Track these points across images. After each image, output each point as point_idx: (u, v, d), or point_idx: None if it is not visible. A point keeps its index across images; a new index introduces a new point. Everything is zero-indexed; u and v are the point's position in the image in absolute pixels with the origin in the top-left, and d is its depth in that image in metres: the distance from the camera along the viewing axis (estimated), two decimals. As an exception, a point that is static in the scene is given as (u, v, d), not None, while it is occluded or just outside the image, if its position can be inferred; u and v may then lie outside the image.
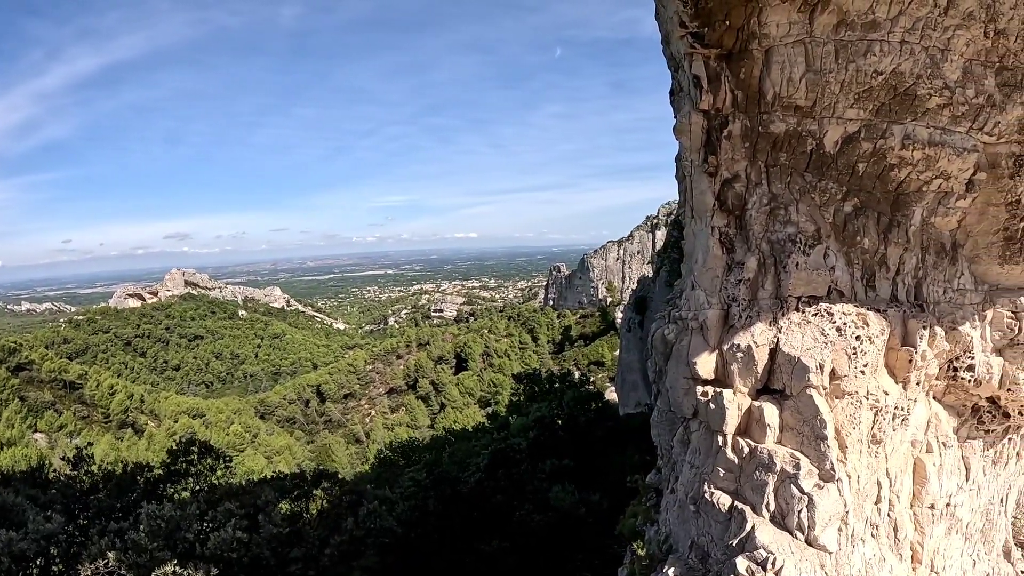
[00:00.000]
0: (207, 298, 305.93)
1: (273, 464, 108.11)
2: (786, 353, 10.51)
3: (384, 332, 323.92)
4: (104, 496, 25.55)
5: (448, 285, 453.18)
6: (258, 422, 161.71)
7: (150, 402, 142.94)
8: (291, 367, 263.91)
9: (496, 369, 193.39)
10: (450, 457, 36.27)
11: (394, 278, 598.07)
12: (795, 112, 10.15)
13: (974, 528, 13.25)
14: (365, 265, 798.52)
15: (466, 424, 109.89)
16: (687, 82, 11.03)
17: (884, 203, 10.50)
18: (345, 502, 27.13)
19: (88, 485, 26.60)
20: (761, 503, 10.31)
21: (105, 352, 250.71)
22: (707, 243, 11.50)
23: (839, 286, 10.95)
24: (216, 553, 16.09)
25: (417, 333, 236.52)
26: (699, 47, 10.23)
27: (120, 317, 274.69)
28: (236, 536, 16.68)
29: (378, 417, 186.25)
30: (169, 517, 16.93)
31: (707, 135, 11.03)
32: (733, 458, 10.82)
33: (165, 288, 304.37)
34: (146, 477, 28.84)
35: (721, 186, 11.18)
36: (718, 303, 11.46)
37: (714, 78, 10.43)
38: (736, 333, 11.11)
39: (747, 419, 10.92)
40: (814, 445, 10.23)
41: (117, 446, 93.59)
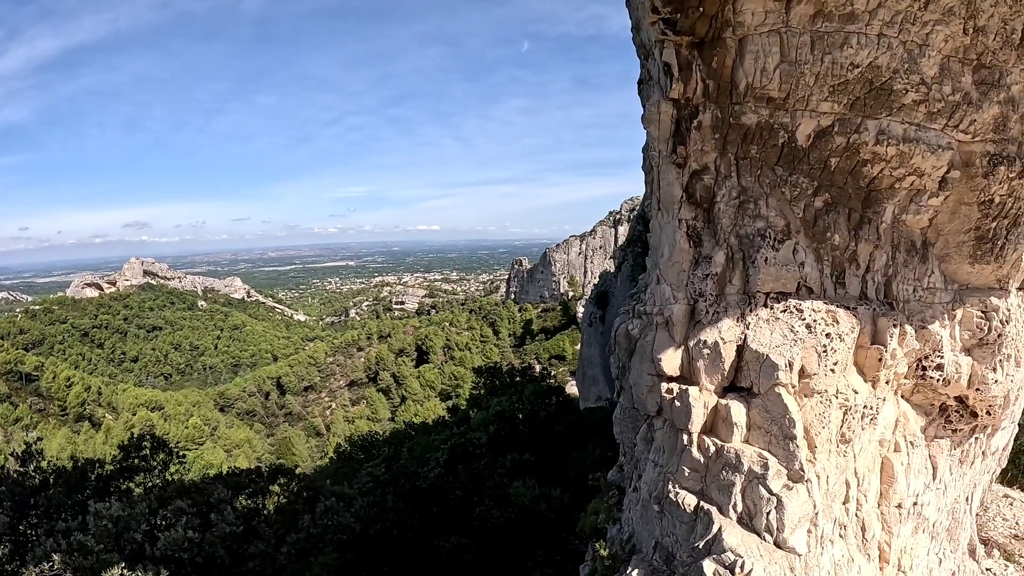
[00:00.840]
0: (166, 288, 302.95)
1: (233, 457, 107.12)
2: (754, 350, 10.29)
3: (345, 324, 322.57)
4: (54, 493, 24.93)
5: (410, 277, 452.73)
6: (217, 415, 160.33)
7: (108, 394, 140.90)
8: (251, 359, 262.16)
9: (457, 362, 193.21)
10: (409, 452, 35.96)
11: (355, 270, 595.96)
12: (768, 104, 9.91)
13: (940, 527, 13.16)
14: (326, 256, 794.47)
15: (427, 417, 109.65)
16: (657, 70, 10.76)
17: (855, 199, 10.32)
18: (302, 498, 26.76)
19: (38, 482, 25.92)
20: (728, 504, 10.09)
21: (62, 343, 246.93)
22: (674, 236, 11.26)
23: (808, 283, 10.76)
24: (167, 553, 15.65)
25: (378, 325, 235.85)
26: (671, 34, 9.95)
27: (77, 307, 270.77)
28: (187, 535, 16.26)
29: (339, 410, 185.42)
30: (117, 517, 16.45)
31: (676, 125, 10.78)
32: (699, 457, 10.59)
33: (123, 278, 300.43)
34: (98, 473, 28.23)
35: (689, 178, 10.95)
36: (684, 298, 11.23)
37: (685, 67, 10.16)
38: (703, 329, 10.89)
39: (713, 417, 10.70)
40: (783, 445, 10.02)
41: (73, 440, 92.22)
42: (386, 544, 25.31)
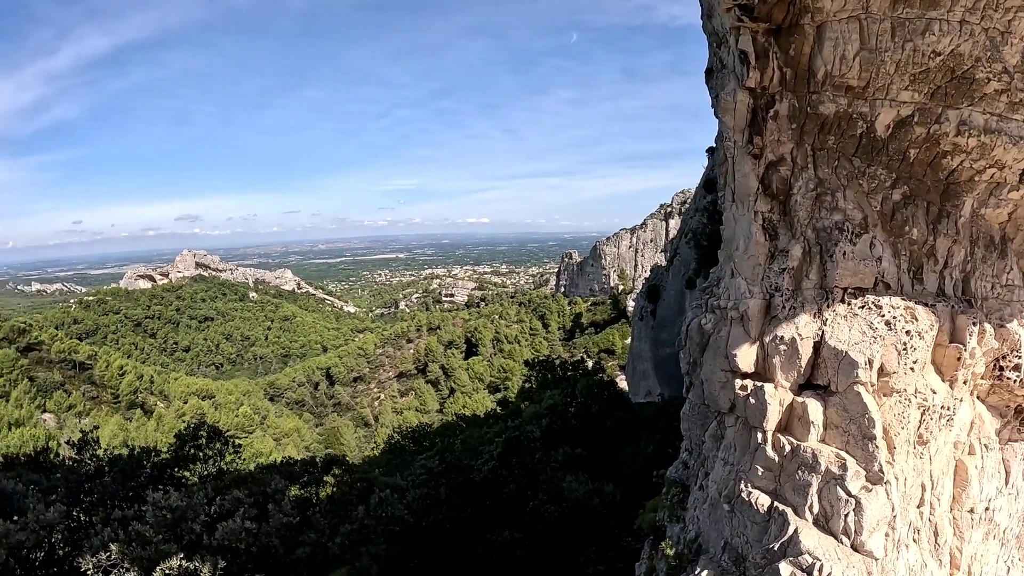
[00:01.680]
0: (218, 280, 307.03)
1: (281, 446, 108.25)
2: (832, 347, 9.98)
3: (395, 316, 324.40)
4: (109, 481, 25.15)
5: (459, 270, 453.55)
6: (267, 404, 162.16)
7: (160, 383, 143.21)
8: (301, 350, 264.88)
9: (506, 355, 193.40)
10: (462, 444, 35.92)
11: (405, 262, 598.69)
12: (846, 93, 9.57)
13: (1011, 534, 12.73)
14: (376, 248, 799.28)
15: (476, 409, 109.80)
16: (732, 58, 10.46)
17: (934, 192, 9.94)
18: (356, 490, 26.78)
19: (93, 469, 26.17)
20: (804, 505, 9.79)
21: (115, 333, 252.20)
22: (749, 229, 10.96)
23: (886, 278, 10.40)
24: (223, 543, 15.65)
25: (428, 317, 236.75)
26: (747, 20, 9.64)
27: (131, 298, 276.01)
28: (244, 526, 16.25)
29: (387, 401, 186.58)
30: (175, 507, 16.44)
31: (752, 115, 10.47)
32: (773, 456, 10.30)
33: (176, 269, 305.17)
34: (153, 462, 28.48)
35: (765, 169, 10.63)
36: (760, 292, 10.93)
37: (762, 54, 9.86)
38: (779, 324, 10.58)
39: (788, 415, 10.40)
40: (861, 445, 9.70)
41: (126, 427, 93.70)
42: (438, 536, 25.26)
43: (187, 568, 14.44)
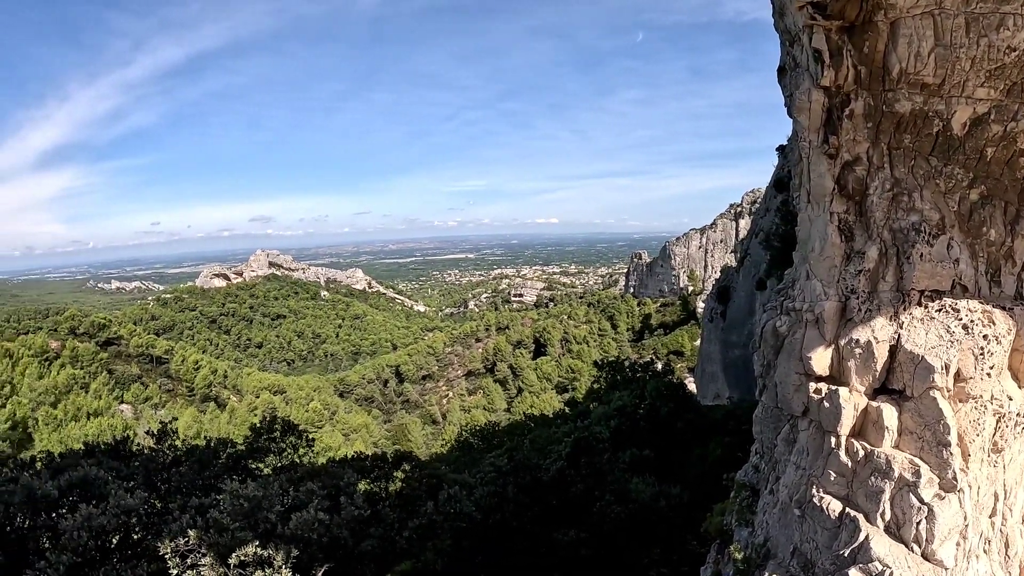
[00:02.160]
0: (290, 279, 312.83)
1: (350, 441, 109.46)
2: (908, 351, 9.75)
3: (464, 315, 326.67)
4: (186, 470, 25.82)
5: (528, 270, 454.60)
6: (337, 400, 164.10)
7: (233, 378, 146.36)
8: (371, 347, 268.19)
9: (574, 355, 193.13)
10: (531, 443, 35.98)
11: (475, 262, 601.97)
12: (922, 90, 9.34)
13: (1084, 547, 12.34)
14: (446, 249, 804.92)
15: (543, 409, 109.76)
16: (806, 57, 10.29)
17: (1011, 192, 9.65)
18: (424, 485, 26.99)
19: (171, 459, 26.91)
20: (876, 511, 9.60)
21: (191, 329, 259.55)
22: (825, 230, 10.77)
23: (963, 280, 10.13)
24: (296, 533, 15.99)
25: (496, 317, 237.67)
26: (820, 18, 9.49)
27: (206, 296, 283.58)
28: (317, 517, 16.58)
29: (455, 399, 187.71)
30: (252, 496, 16.87)
31: (827, 114, 10.29)
32: (846, 461, 10.12)
33: (250, 268, 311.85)
34: (228, 453, 29.14)
35: (841, 169, 10.44)
36: (835, 295, 10.73)
37: (836, 52, 9.68)
38: (854, 327, 10.37)
39: (863, 420, 10.19)
40: (936, 452, 9.47)
41: (200, 419, 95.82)
42: (504, 534, 25.37)
43: (261, 555, 14.79)
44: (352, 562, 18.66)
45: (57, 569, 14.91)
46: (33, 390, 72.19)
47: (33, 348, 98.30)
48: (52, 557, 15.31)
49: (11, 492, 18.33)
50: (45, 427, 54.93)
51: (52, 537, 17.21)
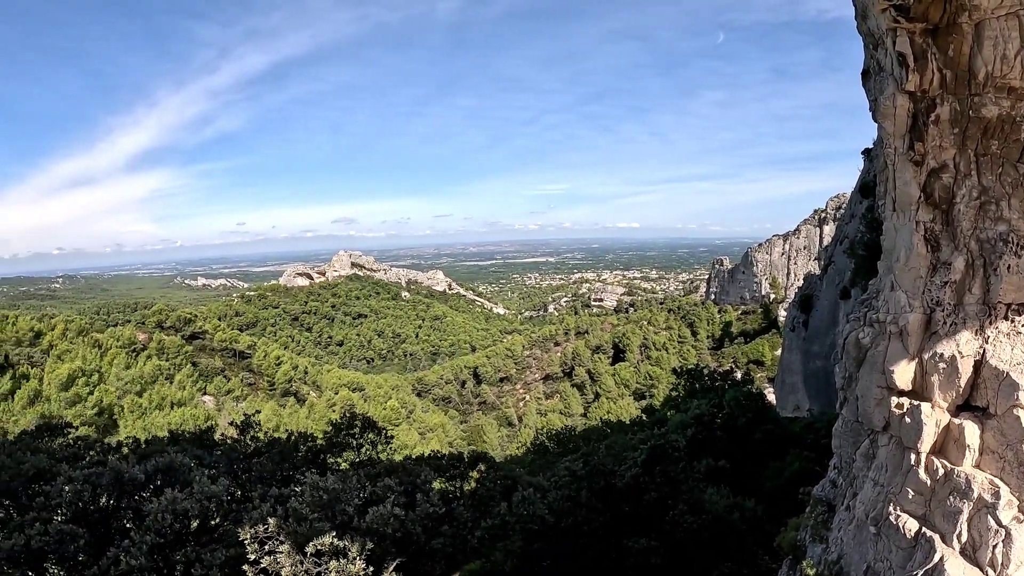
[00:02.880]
0: (372, 279, 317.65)
1: (426, 440, 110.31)
2: (993, 367, 9.35)
3: (543, 319, 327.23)
4: (266, 461, 26.37)
5: (609, 275, 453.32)
6: (414, 399, 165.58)
7: (313, 374, 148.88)
8: (450, 348, 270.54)
9: (653, 362, 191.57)
10: (607, 449, 35.74)
11: (555, 266, 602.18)
12: (1009, 94, 8.93)
13: None
14: (526, 252, 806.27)
15: (620, 416, 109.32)
16: (890, 61, 9.95)
17: (1105, 203, 9.22)
18: (499, 486, 27.05)
19: (252, 449, 27.55)
20: (952, 532, 9.23)
21: (273, 326, 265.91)
22: (910, 240, 10.40)
23: (1051, 294, 9.70)
24: (372, 527, 16.20)
25: (576, 321, 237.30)
26: (903, 21, 9.16)
27: (289, 294, 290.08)
28: (393, 512, 16.78)
29: (532, 402, 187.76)
30: (331, 489, 17.19)
31: (912, 119, 9.94)
32: (925, 479, 9.75)
33: (332, 268, 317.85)
34: (308, 446, 29.65)
35: (927, 176, 10.07)
36: (920, 306, 10.35)
37: (920, 56, 9.33)
38: (939, 341, 9.99)
39: (944, 437, 9.81)
40: (1017, 473, 9.05)
41: (279, 413, 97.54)
42: (575, 538, 25.27)
43: (337, 546, 15.05)
44: (423, 558, 18.83)
45: (140, 548, 15.43)
46: (120, 379, 74.50)
47: (121, 339, 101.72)
48: (136, 537, 15.84)
49: (99, 475, 19.05)
50: (130, 415, 56.76)
51: (135, 518, 17.79)
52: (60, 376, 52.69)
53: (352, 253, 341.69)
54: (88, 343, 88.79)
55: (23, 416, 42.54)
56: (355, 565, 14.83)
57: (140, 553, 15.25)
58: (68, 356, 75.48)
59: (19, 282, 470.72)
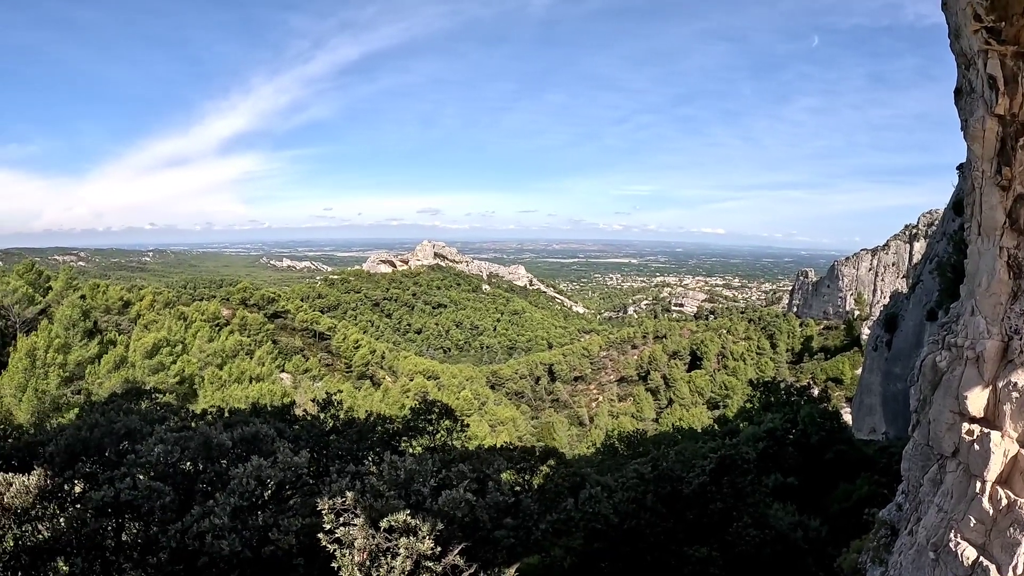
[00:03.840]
0: (454, 270, 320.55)
1: (496, 433, 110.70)
2: (1066, 400, 9.19)
3: (622, 320, 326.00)
4: (343, 439, 27.07)
5: (691, 280, 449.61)
6: (488, 391, 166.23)
7: (390, 359, 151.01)
8: (527, 344, 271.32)
9: (730, 372, 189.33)
10: (677, 455, 35.62)
11: (637, 268, 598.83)
12: (1100, 125, 8.77)
13: None
14: (609, 252, 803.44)
15: (692, 423, 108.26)
16: (981, 83, 9.80)
17: None
18: (567, 483, 27.17)
19: (330, 427, 28.30)
20: (1008, 564, 9.07)
21: (354, 310, 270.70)
22: (993, 265, 10.23)
23: None
24: (443, 509, 16.56)
25: (655, 325, 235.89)
26: (995, 43, 9.02)
27: (371, 280, 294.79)
28: (465, 497, 17.11)
29: (604, 403, 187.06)
30: (410, 469, 17.65)
31: (1001, 143, 9.78)
32: (988, 509, 9.61)
33: (415, 257, 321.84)
34: (385, 428, 30.26)
35: (1013, 202, 9.89)
36: (998, 333, 10.17)
37: (1011, 79, 9.16)
38: (1014, 370, 9.82)
39: (1011, 467, 9.65)
40: (1081, 509, 8.90)
41: (354, 394, 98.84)
42: (636, 540, 25.29)
43: (409, 524, 15.44)
44: (487, 545, 19.07)
45: (224, 509, 16.09)
46: (202, 351, 76.43)
47: (206, 314, 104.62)
48: (220, 498, 16.56)
49: (188, 438, 19.90)
50: (209, 385, 58.31)
51: (218, 482, 18.54)
52: (145, 344, 54.32)
53: (436, 243, 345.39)
54: (174, 315, 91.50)
55: (108, 380, 44.10)
56: (424, 544, 15.19)
57: (224, 513, 15.97)
58: (154, 326, 77.89)
59: (112, 254, 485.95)
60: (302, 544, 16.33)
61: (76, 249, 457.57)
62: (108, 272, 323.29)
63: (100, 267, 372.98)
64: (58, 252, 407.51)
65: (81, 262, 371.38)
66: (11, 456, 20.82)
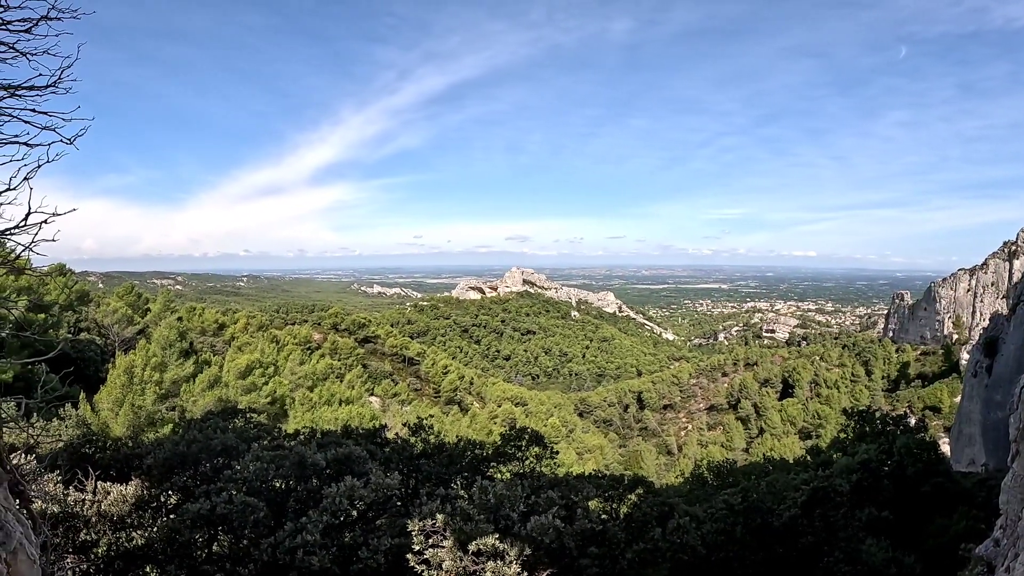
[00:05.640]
0: (542, 297, 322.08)
1: (583, 461, 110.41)
2: None
3: (712, 347, 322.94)
4: (433, 463, 27.60)
5: (782, 305, 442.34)
6: (576, 419, 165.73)
7: (478, 385, 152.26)
8: (616, 371, 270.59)
9: (823, 400, 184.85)
10: (768, 486, 35.23)
11: (727, 293, 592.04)
12: None
13: None
14: (699, 277, 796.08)
15: (783, 454, 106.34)
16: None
17: None
18: (655, 512, 27.16)
19: (419, 451, 28.85)
20: (1109, 608, 8.98)
21: (443, 336, 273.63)
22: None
23: None
24: (531, 535, 16.84)
25: (746, 352, 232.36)
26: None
27: (460, 306, 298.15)
28: (553, 523, 17.37)
29: (694, 432, 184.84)
30: (499, 494, 17.99)
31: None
32: (1080, 549, 9.50)
33: (504, 284, 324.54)
34: (475, 453, 30.72)
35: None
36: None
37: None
38: (1117, 400, 9.69)
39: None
40: None
41: (442, 420, 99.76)
42: (724, 573, 25.14)
43: (497, 548, 15.73)
44: (572, 573, 19.27)
45: (316, 526, 16.69)
46: (294, 373, 78.22)
47: (298, 337, 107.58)
48: (313, 515, 17.17)
49: (283, 457, 20.75)
50: (300, 406, 59.65)
51: (309, 500, 19.20)
52: (239, 365, 56.06)
53: (524, 270, 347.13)
54: (267, 338, 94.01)
55: (201, 398, 45.88)
56: (510, 568, 15.44)
57: (316, 530, 16.55)
58: (247, 348, 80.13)
59: (207, 278, 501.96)
60: (390, 564, 16.78)
61: (173, 273, 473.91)
62: (204, 296, 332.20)
63: (196, 291, 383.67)
64: (156, 276, 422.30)
65: (178, 286, 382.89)
66: (109, 466, 21.88)
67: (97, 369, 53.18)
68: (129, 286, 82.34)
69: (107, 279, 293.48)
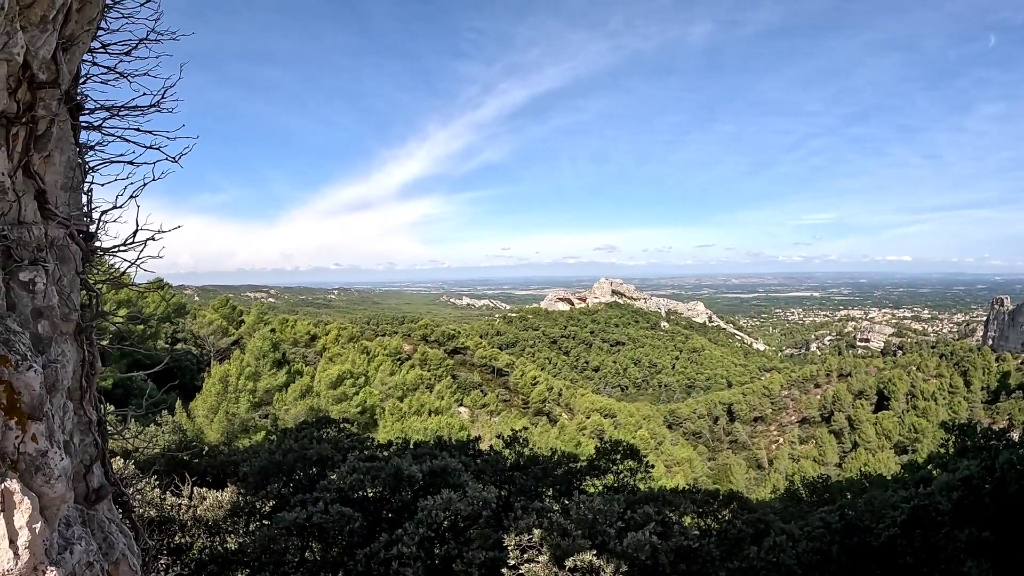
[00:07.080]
0: (631, 307, 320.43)
1: (672, 474, 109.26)
2: None
3: (804, 357, 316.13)
4: (527, 476, 27.83)
5: (876, 312, 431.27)
6: (664, 431, 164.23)
7: (567, 396, 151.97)
8: (705, 382, 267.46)
9: (920, 413, 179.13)
10: (867, 504, 34.64)
11: (819, 301, 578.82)
12: None
13: None
14: (790, 285, 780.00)
15: (878, 469, 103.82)
16: None
17: None
18: (750, 528, 27.01)
19: (512, 463, 29.08)
20: None
21: (532, 347, 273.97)
22: None
23: None
24: (627, 551, 16.88)
25: (839, 362, 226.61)
26: None
27: (549, 318, 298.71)
28: (650, 540, 17.39)
29: (785, 446, 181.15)
30: (598, 509, 18.10)
31: None
32: None
33: (593, 295, 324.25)
34: (569, 467, 30.85)
35: None
36: None
37: None
38: None
39: None
40: None
41: (531, 431, 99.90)
42: (819, 594, 24.84)
43: (594, 564, 15.82)
44: (663, 591, 19.28)
45: (412, 538, 17.03)
46: (384, 384, 79.24)
47: (388, 348, 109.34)
48: (410, 527, 17.54)
49: (379, 468, 21.26)
50: (390, 416, 60.36)
51: (403, 511, 19.70)
52: (330, 376, 57.18)
53: (613, 281, 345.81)
54: (357, 349, 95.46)
55: (294, 407, 47.12)
56: (606, 586, 15.59)
57: (412, 542, 16.84)
58: (338, 359, 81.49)
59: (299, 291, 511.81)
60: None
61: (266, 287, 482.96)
62: (296, 308, 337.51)
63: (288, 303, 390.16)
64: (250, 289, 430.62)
65: (271, 299, 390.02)
66: (205, 472, 22.82)
67: (193, 378, 55.44)
68: (224, 299, 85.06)
69: (203, 292, 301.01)
